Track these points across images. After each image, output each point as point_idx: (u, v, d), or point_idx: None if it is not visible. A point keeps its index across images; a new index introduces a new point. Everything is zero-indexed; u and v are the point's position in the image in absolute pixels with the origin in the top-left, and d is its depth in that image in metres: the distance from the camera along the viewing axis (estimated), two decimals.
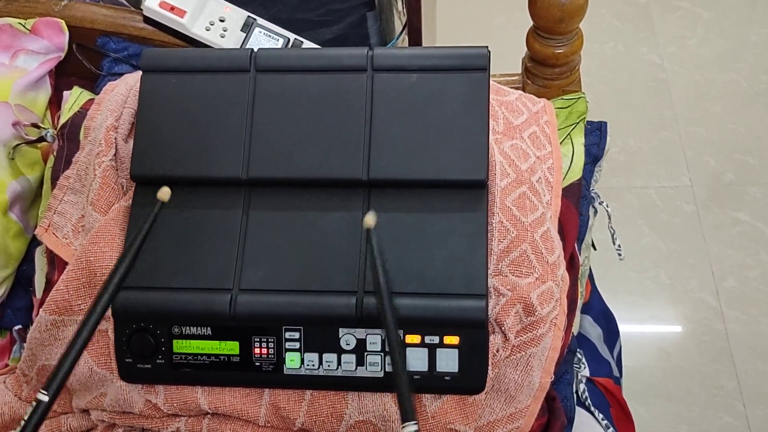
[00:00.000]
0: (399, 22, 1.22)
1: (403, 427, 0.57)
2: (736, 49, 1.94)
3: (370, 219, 0.64)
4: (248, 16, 0.97)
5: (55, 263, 0.80)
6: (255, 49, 0.77)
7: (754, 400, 1.45)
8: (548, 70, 0.94)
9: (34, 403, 0.56)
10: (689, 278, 1.60)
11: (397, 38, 1.16)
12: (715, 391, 1.46)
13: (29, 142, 0.90)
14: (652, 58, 1.94)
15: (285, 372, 0.71)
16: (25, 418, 0.56)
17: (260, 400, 0.72)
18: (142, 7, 0.98)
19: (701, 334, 1.53)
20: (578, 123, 0.89)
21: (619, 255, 0.92)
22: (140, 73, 0.77)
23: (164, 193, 0.66)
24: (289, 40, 0.96)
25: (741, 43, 1.95)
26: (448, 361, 0.69)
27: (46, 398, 0.57)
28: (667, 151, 1.78)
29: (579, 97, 0.91)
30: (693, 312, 1.56)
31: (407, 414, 0.57)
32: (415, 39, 1.08)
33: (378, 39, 1.18)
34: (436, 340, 0.69)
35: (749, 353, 1.50)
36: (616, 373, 0.91)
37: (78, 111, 0.86)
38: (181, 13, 0.95)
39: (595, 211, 0.90)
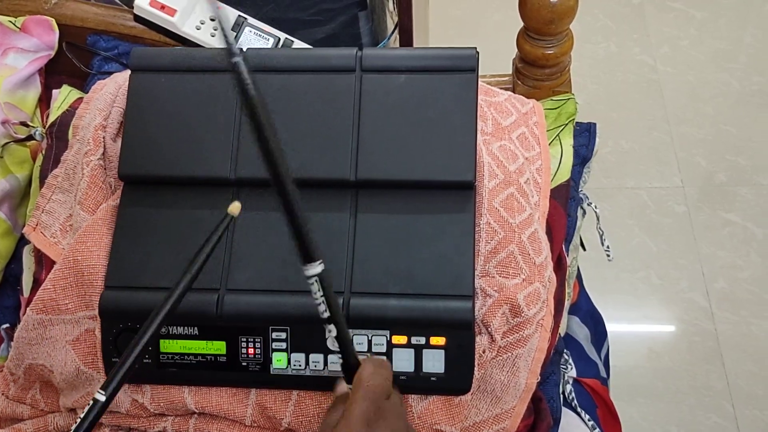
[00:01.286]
0: (391, 21, 1.22)
1: (305, 267, 0.55)
2: (729, 50, 1.95)
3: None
4: (239, 16, 0.97)
5: (43, 262, 0.80)
6: (244, 49, 0.77)
7: (743, 400, 1.45)
8: (538, 71, 0.94)
9: (90, 402, 0.56)
10: (680, 279, 1.60)
11: (388, 38, 1.16)
12: (705, 391, 1.47)
13: (18, 141, 0.90)
14: (644, 59, 1.94)
15: (272, 372, 0.71)
16: (81, 416, 0.56)
17: (247, 400, 0.72)
18: (132, 5, 0.98)
19: (691, 334, 1.53)
20: (567, 124, 0.89)
21: (608, 256, 0.92)
22: (129, 72, 0.77)
23: (235, 207, 0.62)
24: (279, 39, 0.96)
25: (734, 44, 1.96)
26: (435, 362, 0.69)
27: (103, 398, 0.56)
28: (658, 151, 1.78)
29: (568, 98, 0.91)
30: (683, 312, 1.56)
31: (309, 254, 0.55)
32: (406, 39, 1.08)
33: (370, 39, 1.18)
34: (422, 340, 0.69)
35: (739, 354, 1.50)
36: (603, 373, 0.91)
37: (67, 110, 0.86)
38: (172, 11, 0.95)
39: (584, 212, 0.90)
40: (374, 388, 0.56)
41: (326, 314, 0.57)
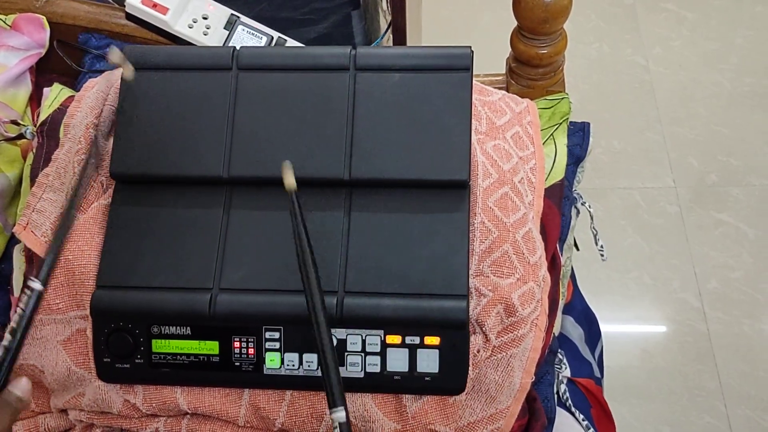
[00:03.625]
0: (384, 21, 1.21)
1: (332, 412, 0.58)
2: (720, 50, 1.95)
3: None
4: (231, 14, 0.97)
5: (34, 262, 0.79)
6: (237, 47, 0.76)
7: (735, 400, 1.45)
8: (532, 70, 0.94)
9: (28, 292, 0.57)
10: (672, 279, 1.61)
11: (382, 37, 1.16)
12: (697, 391, 1.47)
13: (9, 139, 0.90)
14: (637, 59, 1.95)
15: (265, 372, 0.70)
16: (21, 305, 0.57)
17: (240, 401, 0.71)
18: (124, 3, 0.97)
19: (684, 334, 1.54)
20: (561, 123, 0.89)
21: (602, 256, 0.92)
22: (121, 70, 0.77)
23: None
24: (272, 38, 0.96)
25: (726, 45, 1.96)
26: (429, 362, 0.69)
27: (39, 287, 0.58)
28: (651, 151, 1.79)
29: (562, 98, 0.91)
30: (675, 313, 1.57)
31: (335, 399, 0.58)
32: (400, 38, 1.07)
33: (363, 38, 1.17)
34: (416, 340, 0.69)
35: (731, 354, 1.51)
36: (597, 373, 0.91)
37: (58, 108, 0.86)
38: (164, 10, 0.94)
39: (578, 212, 0.90)
40: None
41: None
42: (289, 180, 0.64)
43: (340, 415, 0.58)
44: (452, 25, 2.02)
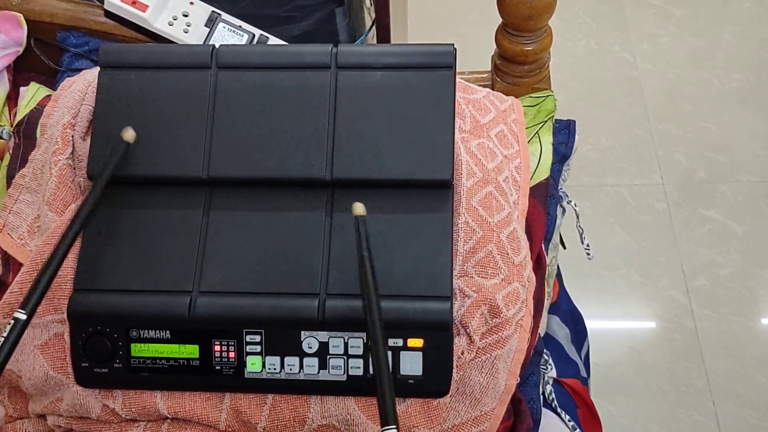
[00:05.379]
0: (368, 18, 1.20)
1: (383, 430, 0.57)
2: (708, 47, 1.95)
3: (359, 208, 0.65)
4: (212, 11, 0.95)
5: (10, 264, 0.78)
6: (216, 46, 0.75)
7: (723, 398, 1.45)
8: (517, 67, 0.94)
9: (11, 322, 0.58)
10: (660, 276, 1.60)
11: (366, 35, 1.15)
12: (685, 389, 1.47)
13: None
14: (624, 56, 1.94)
15: (246, 376, 0.69)
16: (4, 334, 0.58)
17: (221, 405, 0.70)
18: (103, 0, 0.96)
19: (671, 332, 1.53)
20: (546, 121, 0.88)
21: (588, 254, 0.91)
22: (99, 68, 0.75)
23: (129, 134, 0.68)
24: (254, 35, 0.94)
25: (713, 42, 1.96)
26: (412, 364, 0.68)
27: (24, 317, 0.58)
28: (639, 149, 1.78)
29: (547, 95, 0.91)
30: (663, 310, 1.56)
31: (388, 417, 0.57)
32: (384, 36, 1.06)
33: (347, 35, 1.16)
34: (399, 342, 0.68)
35: (719, 351, 1.51)
36: (583, 373, 0.91)
37: (35, 108, 0.84)
38: (143, 7, 0.93)
39: (563, 211, 0.89)
40: None
41: None
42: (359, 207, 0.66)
43: None
44: (438, 23, 2.01)
